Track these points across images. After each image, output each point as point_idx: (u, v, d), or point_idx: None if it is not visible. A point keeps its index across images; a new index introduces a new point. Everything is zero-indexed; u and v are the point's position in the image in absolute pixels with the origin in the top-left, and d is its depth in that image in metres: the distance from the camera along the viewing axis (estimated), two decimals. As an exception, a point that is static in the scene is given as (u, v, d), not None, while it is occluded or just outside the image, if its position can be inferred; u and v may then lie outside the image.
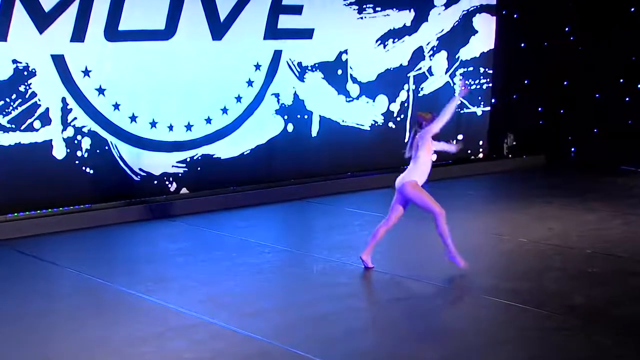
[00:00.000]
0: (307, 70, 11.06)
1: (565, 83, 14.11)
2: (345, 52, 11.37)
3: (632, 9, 13.20)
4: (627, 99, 13.57)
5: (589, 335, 5.50)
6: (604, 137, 13.92)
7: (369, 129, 11.82)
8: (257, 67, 10.60)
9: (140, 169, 9.76)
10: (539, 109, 14.13)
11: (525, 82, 13.94)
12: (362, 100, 11.66)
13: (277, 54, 10.74)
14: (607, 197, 10.44)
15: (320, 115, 11.26)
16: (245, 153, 10.65)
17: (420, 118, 6.98)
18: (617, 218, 9.09)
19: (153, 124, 9.80)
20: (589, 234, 8.34)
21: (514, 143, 13.71)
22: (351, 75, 11.48)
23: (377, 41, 11.72)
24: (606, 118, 13.80)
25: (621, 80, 13.75)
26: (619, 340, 5.41)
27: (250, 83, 10.57)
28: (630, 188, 11.16)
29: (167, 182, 9.97)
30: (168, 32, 9.76)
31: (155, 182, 9.87)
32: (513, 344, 5.44)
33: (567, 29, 13.74)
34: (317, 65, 11.13)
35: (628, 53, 13.41)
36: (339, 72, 11.35)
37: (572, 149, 14.16)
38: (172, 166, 10.02)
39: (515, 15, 13.51)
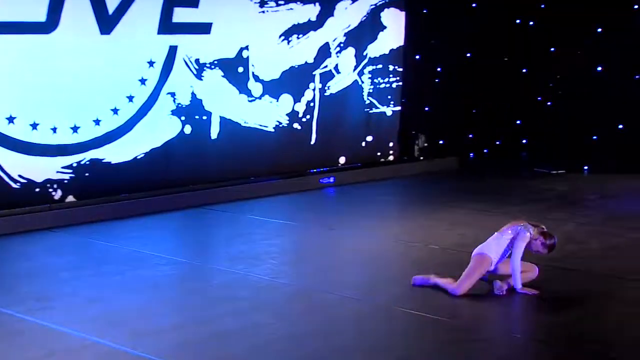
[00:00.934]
0: (205, 68, 10.96)
1: (478, 81, 14.49)
2: (247, 48, 11.33)
3: (543, 5, 13.72)
4: (539, 98, 14.07)
5: (500, 346, 5.67)
6: (518, 137, 14.39)
7: (272, 130, 11.82)
8: (151, 64, 10.45)
9: (19, 176, 9.45)
10: (451, 108, 14.47)
11: (436, 80, 14.26)
12: (265, 100, 11.64)
13: (173, 50, 10.61)
14: (521, 200, 10.78)
15: (220, 116, 11.17)
16: (138, 157, 10.47)
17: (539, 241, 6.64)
18: (530, 222, 9.41)
19: (34, 126, 9.51)
20: (501, 239, 8.58)
21: (426, 144, 14.00)
22: (253, 73, 11.44)
23: (280, 37, 11.73)
24: (520, 118, 14.27)
25: (533, 79, 14.23)
26: (524, 348, 5.61)
27: (143, 81, 10.41)
28: (544, 191, 11.58)
29: (50, 190, 9.69)
30: (49, 24, 9.49)
31: (37, 189, 9.58)
32: (428, 357, 5.54)
33: (478, 24, 14.13)
34: (216, 62, 11.05)
35: (542, 48, 13.90)
36: (240, 69, 11.29)
37: (485, 151, 14.58)
38: (57, 172, 9.74)
39: (424, 10, 13.82)
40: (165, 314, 6.40)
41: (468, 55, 14.25)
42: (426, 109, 14.24)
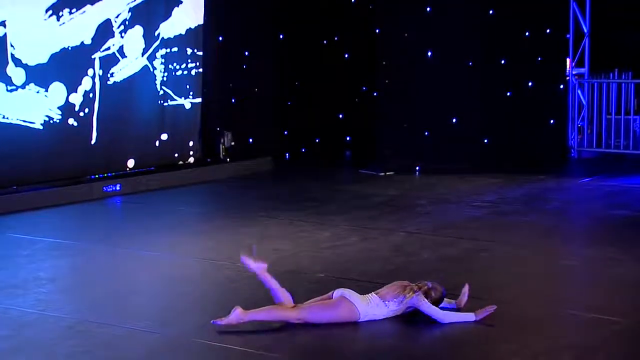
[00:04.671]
0: (-51, 50, 10.60)
1: (293, 68, 14.76)
2: (3, 24, 10.99)
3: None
4: (364, 88, 14.52)
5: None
6: (336, 133, 14.79)
7: (41, 127, 11.55)
8: None
9: None
10: (263, 100, 14.64)
11: (244, 67, 14.38)
12: (30, 90, 11.35)
13: None
14: (344, 207, 11.06)
15: (-30, 110, 10.82)
16: None
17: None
18: (354, 233, 9.66)
19: None
20: (322, 254, 8.77)
21: (233, 143, 14.08)
22: (13, 55, 11.12)
23: (47, 11, 11.49)
24: (333, 111, 14.69)
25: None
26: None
27: None
28: (369, 196, 11.93)
29: None
30: None
31: None
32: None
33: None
34: (-36, 42, 10.71)
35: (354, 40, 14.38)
36: (-4, 51, 10.99)
37: (302, 150, 14.85)
38: None
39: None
40: None
41: (281, 37, 14.47)
42: (232, 101, 14.31)
